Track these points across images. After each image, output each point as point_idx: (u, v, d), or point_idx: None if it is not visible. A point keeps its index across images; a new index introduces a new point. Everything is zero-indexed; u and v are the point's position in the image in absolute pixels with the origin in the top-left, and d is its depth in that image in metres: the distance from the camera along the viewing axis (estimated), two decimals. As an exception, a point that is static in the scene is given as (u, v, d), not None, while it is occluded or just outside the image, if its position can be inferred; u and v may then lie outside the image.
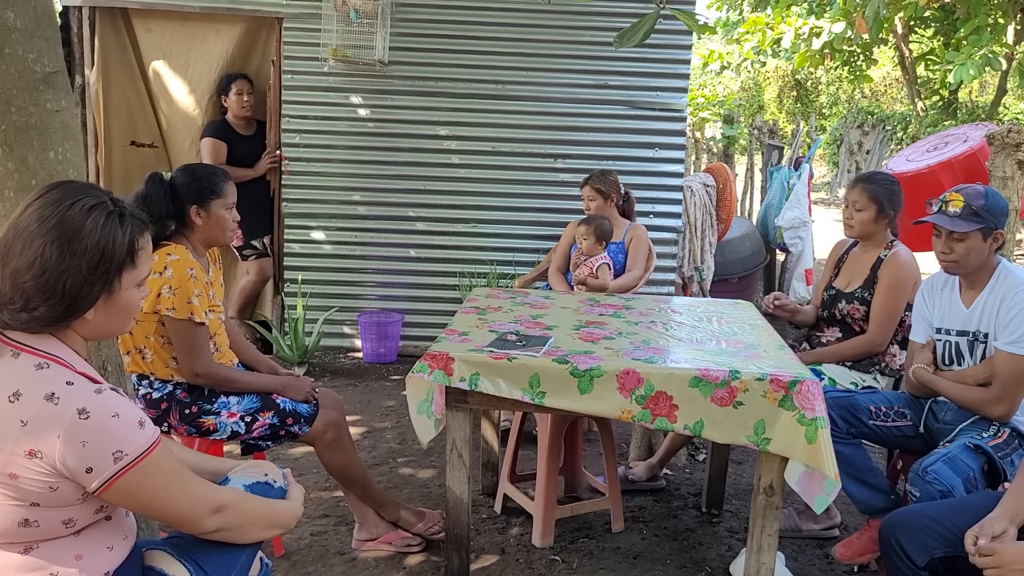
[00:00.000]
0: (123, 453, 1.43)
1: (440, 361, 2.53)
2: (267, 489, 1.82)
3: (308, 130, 5.23)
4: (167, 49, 5.19)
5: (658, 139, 5.32)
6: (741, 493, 3.61)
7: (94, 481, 1.42)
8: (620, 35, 3.47)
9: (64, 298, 1.48)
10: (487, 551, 3.04)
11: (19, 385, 1.42)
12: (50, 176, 1.93)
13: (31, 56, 1.91)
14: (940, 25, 12.68)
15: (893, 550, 2.18)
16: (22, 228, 1.48)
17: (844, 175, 17.03)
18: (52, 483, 1.41)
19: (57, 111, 1.96)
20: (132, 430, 1.45)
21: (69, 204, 1.51)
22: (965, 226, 2.55)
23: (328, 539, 3.09)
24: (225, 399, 2.73)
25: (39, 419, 1.39)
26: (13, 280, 1.47)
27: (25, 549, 1.45)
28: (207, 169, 2.86)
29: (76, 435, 1.40)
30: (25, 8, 1.89)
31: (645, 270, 4.25)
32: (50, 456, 1.39)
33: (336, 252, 5.36)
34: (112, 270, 1.52)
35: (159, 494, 1.51)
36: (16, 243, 1.48)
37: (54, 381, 1.43)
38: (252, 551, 1.78)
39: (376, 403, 4.53)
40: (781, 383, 2.40)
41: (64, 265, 1.47)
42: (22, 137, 1.90)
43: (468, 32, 5.20)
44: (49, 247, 1.47)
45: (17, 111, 1.90)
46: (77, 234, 1.49)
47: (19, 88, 1.90)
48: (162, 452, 1.50)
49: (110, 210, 1.55)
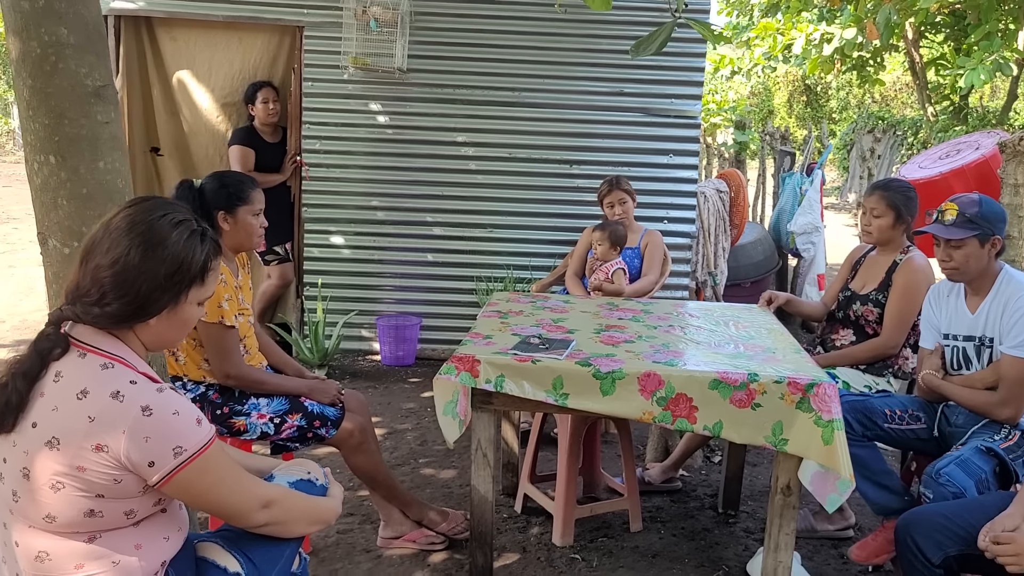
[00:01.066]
0: (183, 448, 1.51)
1: (466, 363, 2.60)
2: (310, 487, 1.90)
3: (328, 136, 5.32)
4: (190, 57, 5.29)
5: (672, 146, 5.39)
6: (756, 495, 3.67)
7: (155, 474, 1.50)
8: (637, 44, 3.54)
9: (136, 299, 1.57)
10: (509, 549, 3.12)
11: (86, 384, 1.50)
12: (100, 185, 2.02)
13: (83, 71, 2.00)
14: (951, 30, 12.70)
15: (909, 549, 2.24)
16: (112, 229, 1.59)
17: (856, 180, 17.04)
18: (116, 476, 1.49)
19: (106, 123, 2.04)
20: (191, 427, 1.54)
21: (160, 215, 1.62)
22: (960, 233, 2.63)
23: (354, 537, 3.16)
24: (255, 401, 2.81)
25: (105, 416, 1.48)
26: (94, 275, 1.56)
27: (89, 538, 1.53)
28: (235, 176, 2.94)
29: (140, 431, 1.48)
30: (78, 24, 1.98)
31: (661, 275, 4.32)
32: (115, 450, 1.47)
33: (355, 256, 5.45)
34: (184, 283, 1.62)
35: (213, 488, 1.59)
36: (104, 242, 1.58)
37: (119, 380, 1.52)
38: (296, 545, 1.86)
39: (396, 405, 4.61)
40: (798, 386, 2.47)
41: (144, 268, 1.57)
42: (74, 148, 1.99)
43: (485, 40, 5.28)
44: (135, 249, 1.57)
45: (70, 123, 1.99)
46: (162, 243, 1.59)
47: (71, 101, 1.99)
48: (217, 448, 1.58)
49: (194, 228, 1.66)
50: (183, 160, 5.47)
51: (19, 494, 1.51)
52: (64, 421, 1.48)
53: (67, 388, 1.50)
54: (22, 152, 11.37)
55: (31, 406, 1.51)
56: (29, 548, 1.53)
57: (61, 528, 1.50)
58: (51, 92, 1.98)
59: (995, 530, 2.06)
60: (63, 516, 1.49)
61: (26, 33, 1.95)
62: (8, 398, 1.51)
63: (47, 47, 1.96)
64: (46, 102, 1.98)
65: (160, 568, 1.63)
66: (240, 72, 5.32)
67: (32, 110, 1.99)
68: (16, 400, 1.50)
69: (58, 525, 1.50)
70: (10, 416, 1.51)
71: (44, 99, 1.97)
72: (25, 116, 2.01)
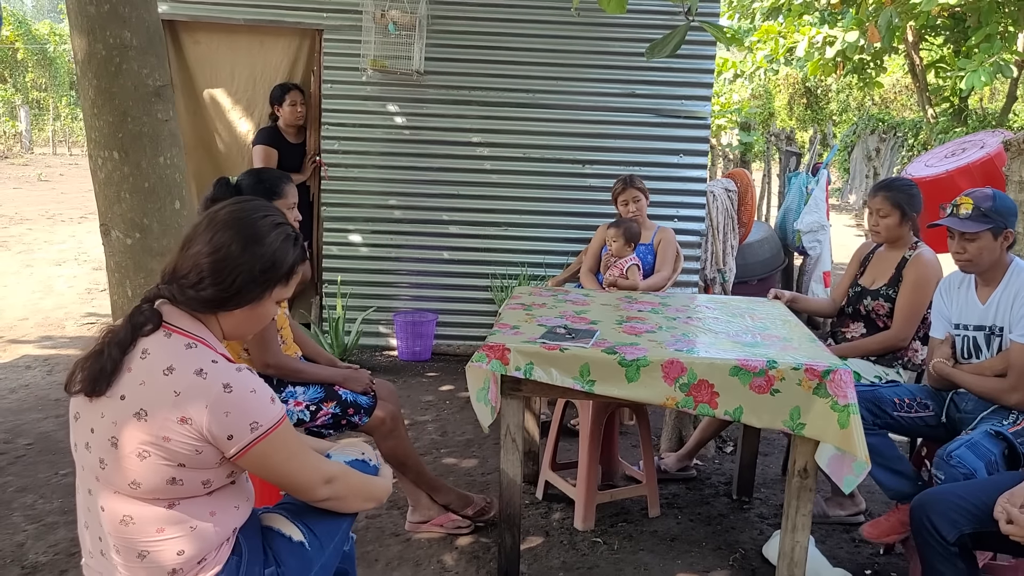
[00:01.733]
0: (258, 424, 1.63)
1: (497, 351, 2.71)
2: (364, 466, 2.03)
3: (347, 137, 5.44)
4: (213, 60, 5.42)
5: (682, 146, 5.51)
6: (769, 482, 3.79)
7: (233, 447, 1.62)
8: (651, 47, 3.65)
9: (231, 287, 1.71)
10: (532, 533, 3.23)
11: (172, 361, 1.63)
12: (161, 179, 2.14)
13: (144, 71, 2.12)
14: (951, 33, 12.84)
15: (924, 528, 2.33)
16: (218, 221, 1.73)
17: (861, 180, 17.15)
18: (198, 447, 1.61)
19: (166, 121, 2.17)
20: (266, 405, 1.66)
21: (262, 215, 1.77)
22: (975, 227, 2.74)
23: (383, 521, 3.28)
24: (292, 389, 2.92)
25: (190, 391, 1.60)
26: (195, 260, 1.70)
27: (170, 504, 1.65)
28: (271, 172, 3.06)
29: (221, 406, 1.60)
30: (140, 28, 2.11)
31: (673, 271, 4.43)
32: (198, 423, 1.59)
33: (373, 254, 5.56)
34: (273, 280, 1.77)
35: (284, 462, 1.71)
36: (208, 231, 1.72)
37: (202, 359, 1.64)
38: (351, 521, 1.99)
39: (415, 398, 4.73)
40: (815, 372, 2.58)
41: (242, 260, 1.71)
42: (136, 144, 2.12)
43: (500, 43, 5.41)
44: (236, 241, 1.71)
45: (132, 121, 2.11)
46: (261, 240, 1.74)
47: (134, 100, 2.11)
48: (288, 426, 1.71)
49: (289, 232, 1.81)
50: (205, 161, 5.59)
51: (106, 462, 1.62)
52: (151, 394, 1.60)
53: (154, 364, 1.62)
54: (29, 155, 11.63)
55: (119, 379, 1.63)
56: (114, 513, 1.64)
57: (145, 494, 1.62)
58: (115, 91, 2.10)
59: (1012, 501, 2.15)
60: (147, 483, 1.61)
61: (92, 36, 2.07)
62: (104, 365, 1.62)
63: (112, 49, 2.08)
64: (111, 101, 2.10)
65: (232, 534, 1.75)
66: (262, 74, 5.44)
67: (97, 108, 2.11)
68: (111, 367, 1.62)
69: (142, 491, 1.62)
70: (104, 382, 1.62)
71: (109, 98, 2.10)
72: (90, 114, 2.13)
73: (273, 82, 5.39)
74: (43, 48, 27.33)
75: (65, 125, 27.20)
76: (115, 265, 2.22)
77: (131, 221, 2.15)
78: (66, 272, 8.26)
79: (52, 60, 27.47)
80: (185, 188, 2.29)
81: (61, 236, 10.61)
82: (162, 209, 2.04)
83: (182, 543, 1.66)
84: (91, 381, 1.63)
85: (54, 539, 3.06)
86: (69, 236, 10.61)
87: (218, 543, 1.72)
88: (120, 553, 1.66)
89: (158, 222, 2.19)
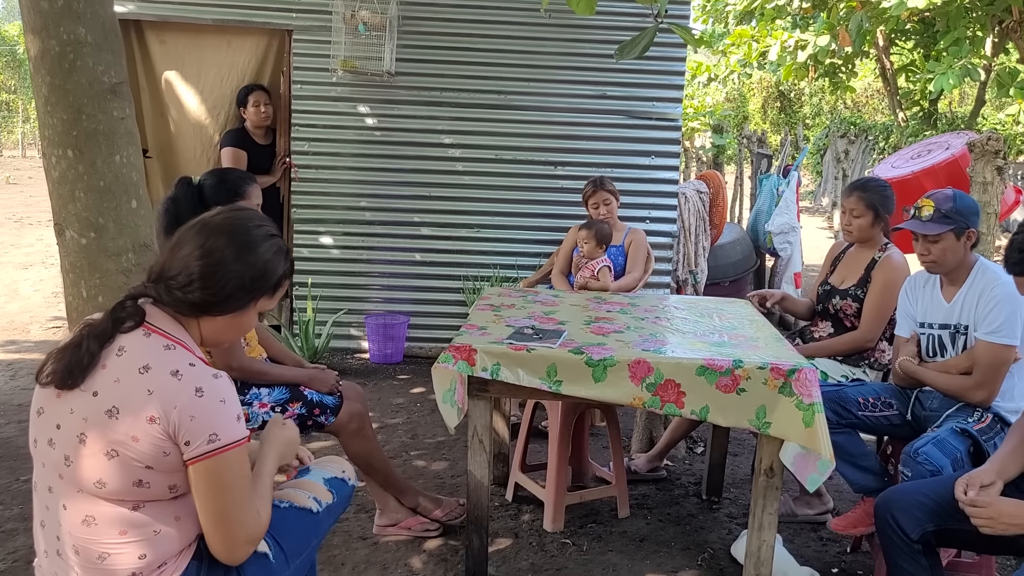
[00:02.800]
0: (217, 437, 1.59)
1: (463, 352, 2.70)
2: (342, 485, 2.01)
3: (317, 138, 5.41)
4: (180, 60, 5.36)
5: (654, 147, 5.53)
6: (738, 482, 3.79)
7: (188, 453, 1.58)
8: (620, 48, 3.66)
9: (219, 293, 1.69)
10: (501, 535, 3.21)
11: (148, 360, 1.60)
12: (117, 178, 2.10)
13: (99, 68, 2.09)
14: (920, 37, 13.01)
15: (888, 525, 2.34)
16: (212, 226, 1.72)
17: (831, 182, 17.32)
18: (165, 448, 1.57)
19: (122, 119, 2.13)
20: (231, 420, 1.62)
21: (257, 225, 1.77)
22: (937, 228, 2.76)
23: (350, 525, 3.25)
24: (256, 390, 2.89)
25: (163, 390, 1.57)
26: (185, 262, 1.68)
27: (134, 507, 1.61)
28: (235, 173, 3.03)
29: (189, 409, 1.57)
30: (95, 24, 2.07)
31: (644, 272, 4.44)
32: (164, 423, 1.56)
33: (344, 256, 5.53)
34: (260, 290, 1.76)
35: (227, 489, 1.63)
36: (201, 234, 1.70)
37: (179, 360, 1.61)
38: (320, 538, 1.97)
39: (386, 400, 4.70)
40: (781, 371, 2.59)
41: (234, 266, 1.70)
42: (92, 142, 2.08)
43: (472, 44, 5.40)
44: (230, 247, 1.70)
45: (88, 118, 2.07)
46: (255, 249, 1.73)
47: (89, 97, 2.07)
48: (244, 452, 1.65)
49: (281, 245, 1.80)
50: (171, 162, 5.53)
51: (72, 459, 1.59)
52: (125, 392, 1.57)
53: (130, 362, 1.59)
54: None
55: (93, 375, 1.59)
56: (76, 512, 1.61)
57: (110, 495, 1.59)
58: (70, 89, 2.06)
59: (971, 482, 2.16)
60: (113, 483, 1.57)
61: (45, 32, 2.04)
62: (81, 357, 1.59)
63: (65, 45, 2.05)
64: (64, 98, 2.06)
65: (195, 540, 1.71)
66: (229, 75, 5.39)
67: (51, 106, 2.07)
68: (88, 360, 1.59)
69: (107, 491, 1.58)
70: (78, 375, 1.59)
71: (63, 95, 2.06)
72: (43, 112, 2.09)
73: (241, 83, 5.34)
74: (12, 50, 27.00)
75: (35, 128, 26.86)
76: (70, 265, 2.18)
77: (86, 220, 2.11)
78: (32, 276, 8.14)
79: (22, 62, 27.15)
80: (142, 187, 2.25)
81: (28, 239, 10.46)
82: (118, 208, 2.00)
83: (144, 547, 1.63)
84: (65, 373, 1.59)
85: (13, 546, 3.00)
86: (36, 239, 10.46)
87: (180, 548, 1.69)
88: (79, 554, 1.62)
89: (114, 221, 2.15)
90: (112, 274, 2.15)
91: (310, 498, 1.99)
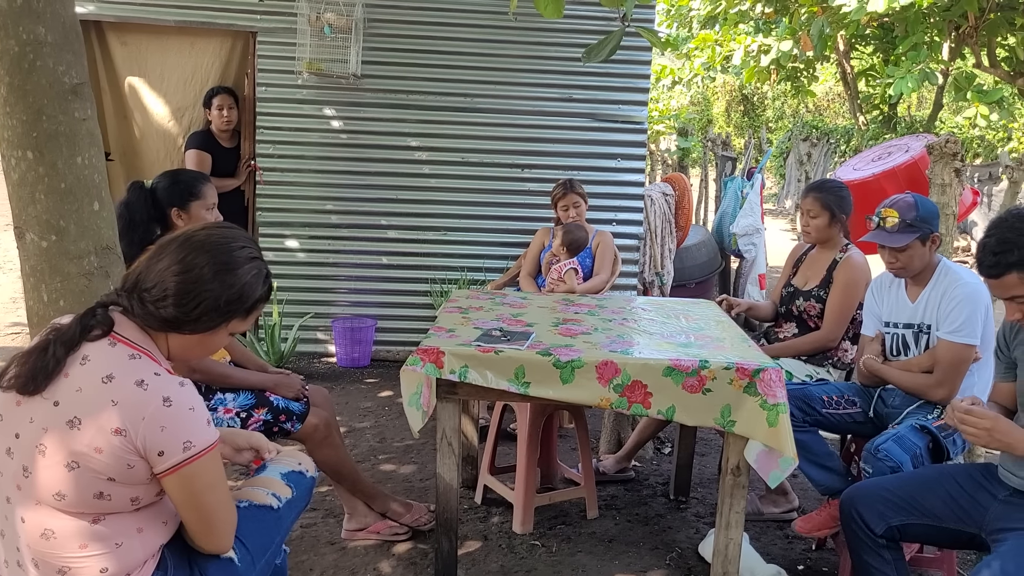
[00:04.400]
0: (192, 444, 1.57)
1: (431, 355, 2.69)
2: (300, 478, 1.99)
3: (282, 141, 5.36)
4: (142, 62, 5.29)
5: (620, 150, 5.56)
6: (706, 482, 3.83)
7: (162, 464, 1.56)
8: (588, 51, 3.68)
9: (192, 311, 1.66)
10: (470, 538, 3.21)
11: (113, 369, 1.57)
12: (79, 180, 2.07)
13: (60, 68, 2.05)
14: (880, 42, 13.23)
15: (853, 520, 2.39)
16: (194, 241, 1.69)
17: (793, 184, 17.55)
18: (130, 461, 1.55)
19: (84, 120, 2.10)
20: (202, 425, 1.61)
21: (240, 245, 1.74)
22: (904, 239, 2.80)
23: (318, 530, 3.22)
24: (221, 396, 2.86)
25: (128, 401, 1.54)
26: (161, 276, 1.65)
27: (95, 519, 1.59)
28: (188, 173, 3.01)
29: (158, 420, 1.54)
30: (55, 23, 2.04)
31: (612, 274, 4.47)
32: (132, 435, 1.53)
33: (310, 260, 5.49)
34: (234, 312, 1.73)
35: (208, 491, 1.64)
36: (181, 249, 1.67)
37: (144, 370, 1.59)
38: (284, 534, 1.95)
39: (353, 404, 4.67)
40: (746, 371, 2.62)
41: (211, 286, 1.67)
42: (52, 144, 2.05)
43: (438, 47, 5.38)
44: (210, 266, 1.67)
45: (48, 119, 2.04)
46: (234, 270, 1.70)
47: (49, 98, 2.04)
48: (218, 454, 1.65)
49: (262, 268, 1.78)
50: (134, 165, 5.45)
51: (31, 470, 1.55)
52: (87, 402, 1.54)
53: (93, 372, 1.56)
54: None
55: (55, 383, 1.56)
56: (35, 525, 1.58)
57: (69, 507, 1.56)
58: (29, 89, 2.03)
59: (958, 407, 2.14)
60: (73, 495, 1.54)
61: (4, 32, 2.00)
62: (47, 362, 1.56)
63: (25, 45, 2.01)
64: (24, 99, 2.03)
65: (158, 551, 1.69)
66: (193, 77, 5.33)
67: (9, 107, 2.04)
68: (53, 366, 1.56)
69: (67, 504, 1.55)
70: (42, 380, 1.56)
71: (22, 96, 2.03)
72: (2, 112, 2.05)
73: (205, 85, 5.28)
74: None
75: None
76: (30, 269, 2.14)
77: (47, 223, 2.07)
78: (-10, 281, 7.98)
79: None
80: (105, 189, 2.21)
81: (-14, 244, 10.24)
82: (79, 211, 1.97)
83: (105, 560, 1.60)
84: (28, 378, 1.56)
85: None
86: (-6, 244, 10.24)
87: (143, 559, 1.66)
88: (38, 567, 1.59)
89: (75, 224, 2.11)
90: (74, 277, 2.12)
91: (269, 495, 1.98)
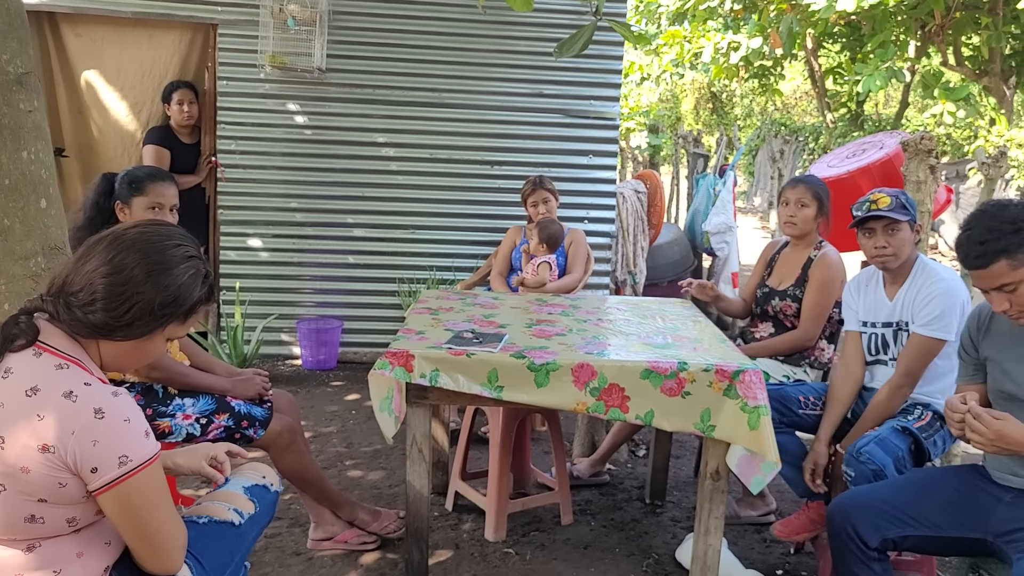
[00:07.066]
0: (128, 458, 1.45)
1: (400, 358, 2.59)
2: (264, 492, 1.87)
3: (245, 136, 5.20)
4: (98, 55, 5.10)
5: (591, 146, 5.48)
6: (682, 485, 3.76)
7: (96, 481, 1.44)
8: (560, 46, 3.60)
9: (123, 317, 1.52)
10: (442, 546, 3.11)
11: (37, 381, 1.44)
12: (24, 176, 1.93)
13: (4, 57, 1.92)
14: (847, 40, 13.32)
15: (845, 532, 2.28)
16: (124, 240, 1.54)
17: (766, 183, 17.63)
18: (61, 479, 1.42)
19: (30, 111, 1.96)
20: (139, 438, 1.48)
21: (175, 244, 1.59)
22: (902, 215, 2.77)
23: (283, 540, 3.10)
24: (180, 401, 2.72)
25: (56, 415, 1.41)
26: (89, 278, 1.51)
27: (28, 547, 1.46)
28: (145, 169, 2.93)
29: (89, 434, 1.42)
30: (-2, 10, 1.90)
31: (584, 272, 4.39)
32: (62, 452, 1.41)
33: (274, 259, 5.34)
34: (169, 317, 1.58)
35: (149, 509, 1.51)
36: (111, 248, 1.53)
37: (73, 381, 1.46)
38: (247, 549, 1.83)
39: (319, 408, 4.54)
40: (725, 373, 2.55)
41: (143, 288, 1.53)
42: (-5, 137, 1.91)
43: (405, 40, 5.26)
44: (141, 267, 1.53)
45: (-10, 111, 1.90)
46: (169, 271, 1.56)
47: (-8, 89, 1.90)
48: (159, 467, 1.52)
49: (200, 268, 1.62)
50: (90, 162, 5.26)
51: None
52: (11, 419, 1.41)
53: (16, 385, 1.44)
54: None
55: None
56: None
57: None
58: (-32, 79, 1.89)
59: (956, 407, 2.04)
60: (2, 520, 1.42)
61: (-59, 18, 1.86)
62: None
63: (-36, 33, 1.87)
64: (-37, 90, 1.89)
65: (103, 573, 1.56)
66: (151, 71, 5.15)
67: (-52, 98, 1.90)
68: None
69: None
70: None
71: (-38, 87, 1.89)
72: (-61, 104, 1.91)
73: (164, 79, 5.11)
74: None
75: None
76: (-26, 270, 2.00)
77: (-11, 221, 1.94)
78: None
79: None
80: (53, 186, 2.08)
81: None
82: (25, 208, 1.84)
83: None
84: None
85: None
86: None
87: None
88: None
89: (20, 222, 1.97)
90: (19, 279, 1.98)
91: (230, 510, 1.85)
